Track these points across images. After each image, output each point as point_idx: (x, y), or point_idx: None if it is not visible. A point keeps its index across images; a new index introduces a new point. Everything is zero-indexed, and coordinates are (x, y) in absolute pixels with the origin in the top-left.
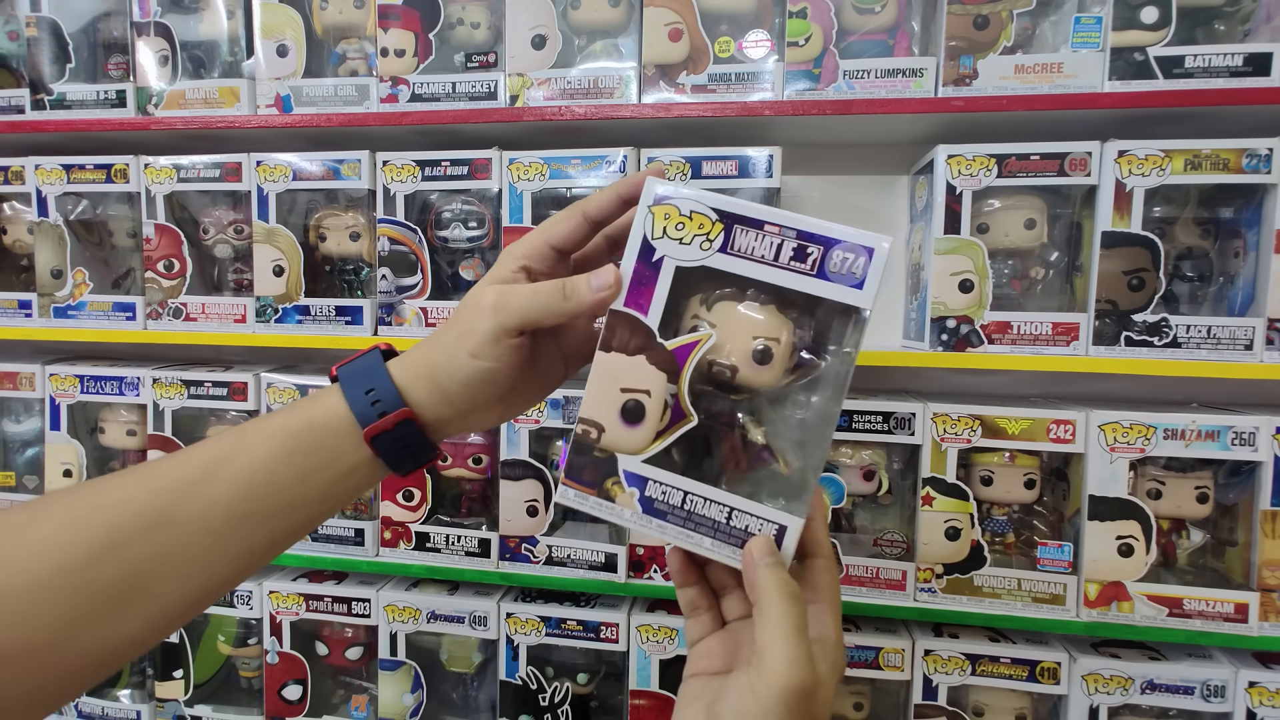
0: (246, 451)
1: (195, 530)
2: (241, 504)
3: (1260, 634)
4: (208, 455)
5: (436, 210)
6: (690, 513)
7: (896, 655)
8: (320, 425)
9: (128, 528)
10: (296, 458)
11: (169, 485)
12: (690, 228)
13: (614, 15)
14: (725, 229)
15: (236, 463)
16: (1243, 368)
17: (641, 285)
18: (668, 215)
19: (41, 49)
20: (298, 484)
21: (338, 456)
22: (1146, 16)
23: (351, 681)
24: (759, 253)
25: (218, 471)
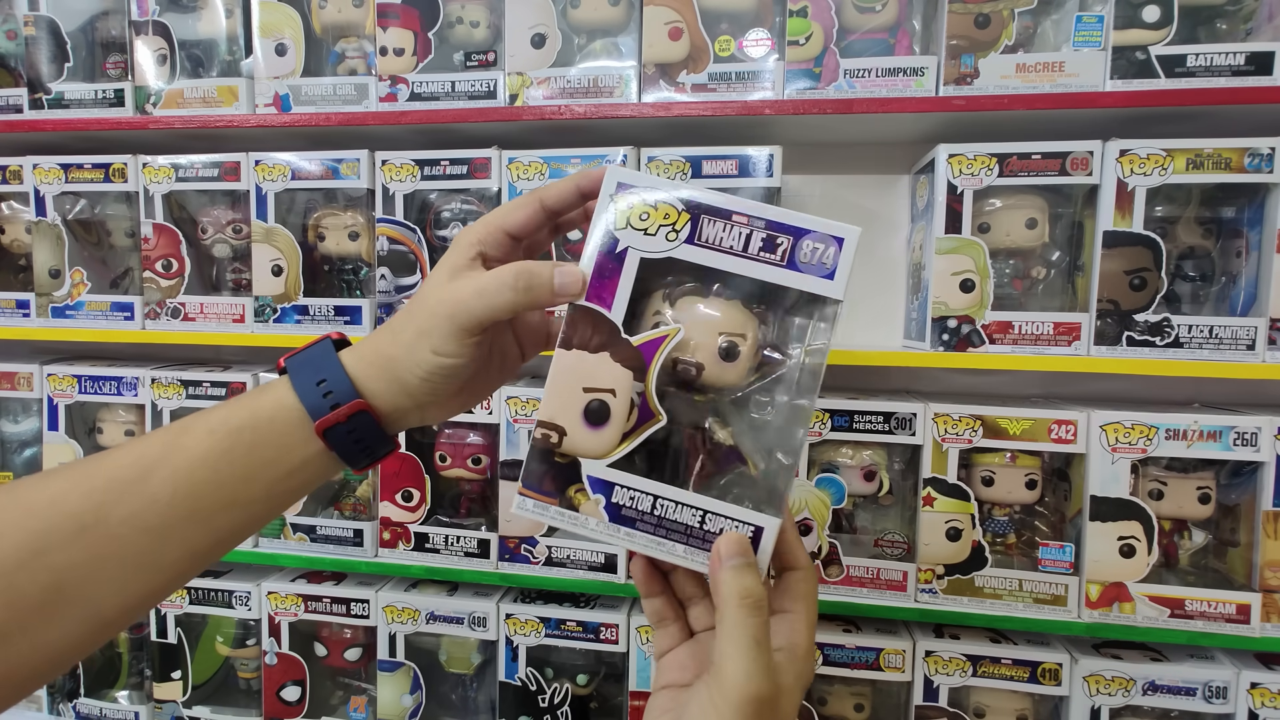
0: (187, 448)
1: (131, 531)
2: (183, 503)
3: (1262, 635)
4: (146, 452)
5: (436, 210)
6: (661, 518)
7: (897, 656)
8: (267, 419)
9: (57, 531)
10: (239, 453)
11: (103, 485)
12: (655, 218)
13: (614, 14)
14: (692, 219)
15: (175, 460)
16: (1245, 368)
17: (604, 278)
18: (631, 205)
19: (40, 48)
20: (241, 481)
21: (285, 452)
22: (1148, 15)
23: (350, 682)
24: (727, 243)
25: (156, 469)
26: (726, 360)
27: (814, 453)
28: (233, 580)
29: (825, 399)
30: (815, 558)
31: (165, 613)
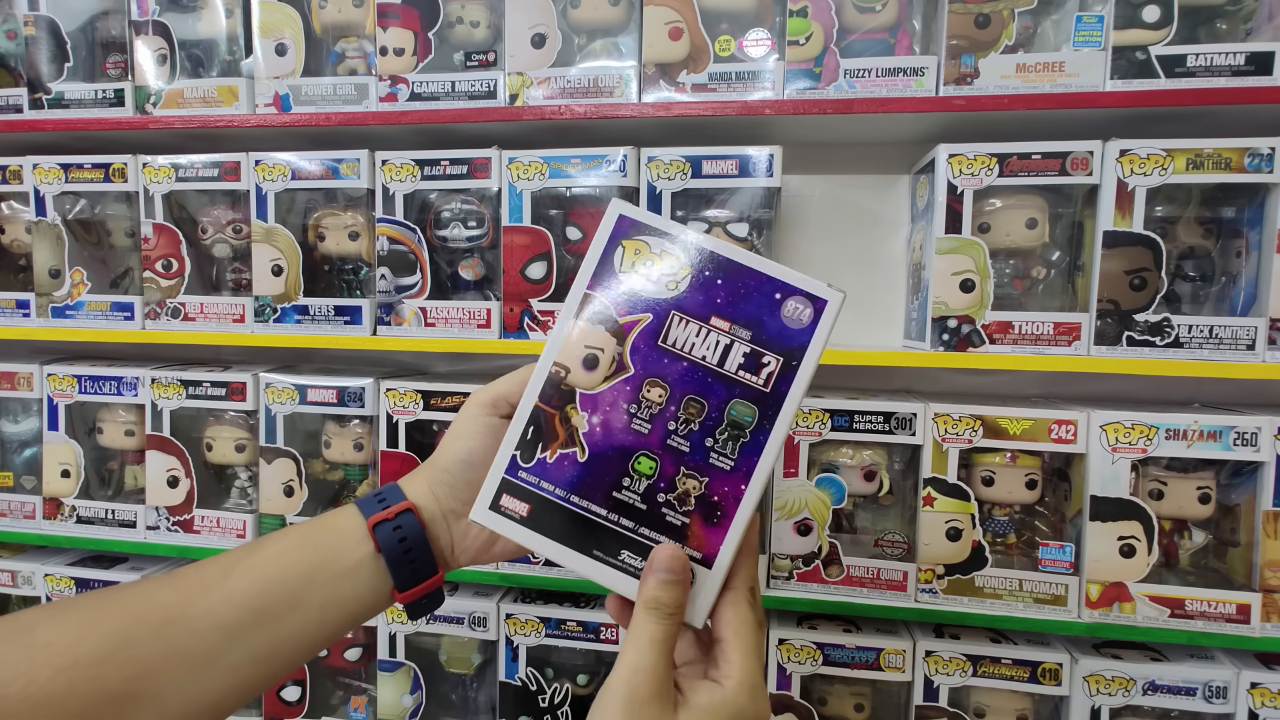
0: (263, 548)
1: (207, 627)
2: (255, 599)
3: (1262, 635)
4: (231, 554)
5: (436, 209)
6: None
7: (898, 656)
8: (328, 522)
9: (143, 622)
10: (306, 551)
11: (188, 584)
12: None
13: (614, 14)
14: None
15: (253, 558)
16: (1245, 368)
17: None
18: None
19: (40, 48)
20: (304, 580)
21: (341, 552)
22: (1148, 15)
23: (350, 682)
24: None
25: (236, 566)
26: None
27: (814, 453)
28: None
29: (826, 399)
30: (815, 558)
31: None
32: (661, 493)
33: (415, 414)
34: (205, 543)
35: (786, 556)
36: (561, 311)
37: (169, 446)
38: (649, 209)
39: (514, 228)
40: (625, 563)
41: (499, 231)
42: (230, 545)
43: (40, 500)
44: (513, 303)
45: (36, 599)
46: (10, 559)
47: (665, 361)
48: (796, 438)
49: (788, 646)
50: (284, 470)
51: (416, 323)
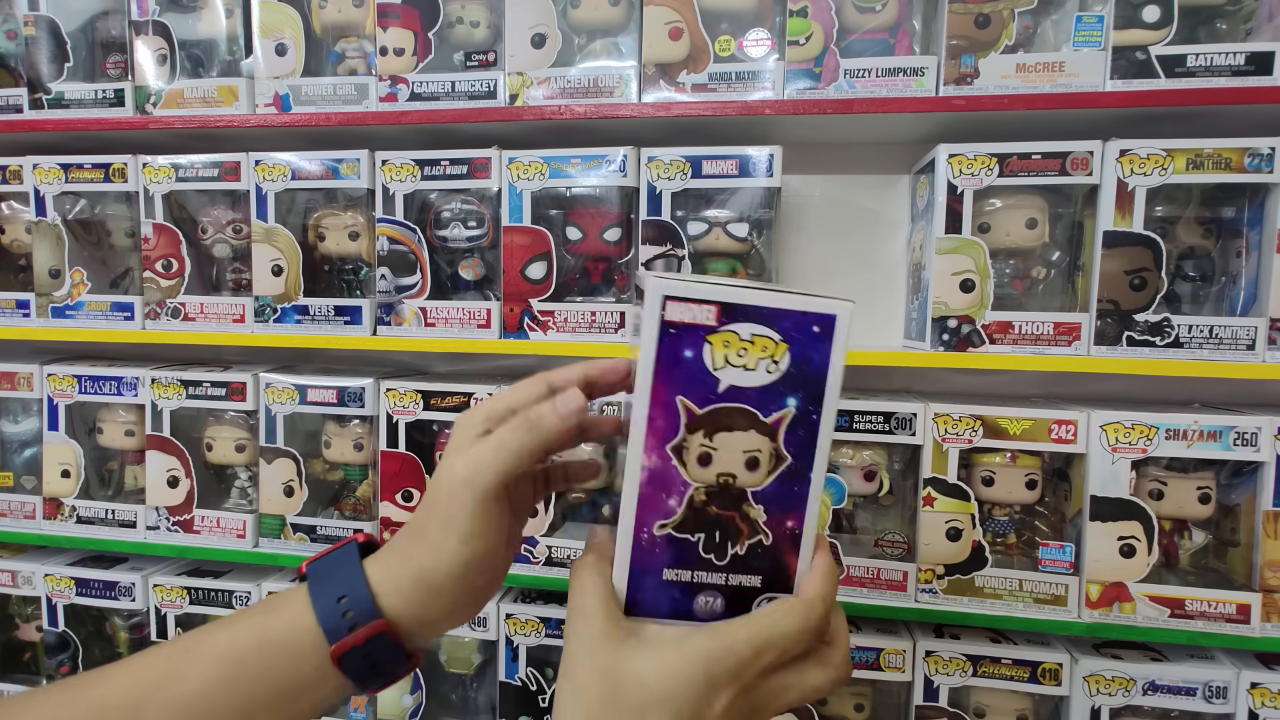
0: (185, 678)
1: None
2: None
3: (1262, 635)
4: (141, 678)
5: (436, 209)
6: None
7: (898, 656)
8: (277, 644)
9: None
10: (242, 683)
11: (91, 714)
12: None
13: (614, 14)
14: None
15: (171, 691)
16: (1245, 368)
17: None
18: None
19: (39, 48)
20: (241, 715)
21: (293, 680)
22: (1148, 15)
23: None
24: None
25: (149, 700)
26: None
27: None
28: (233, 580)
29: None
30: None
31: (165, 613)
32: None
33: (415, 414)
34: (205, 542)
35: None
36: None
37: (169, 446)
38: (649, 209)
39: (514, 228)
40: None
41: (499, 231)
42: (230, 545)
43: (40, 500)
44: (513, 303)
45: (36, 599)
46: (10, 559)
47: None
48: None
49: None
50: (284, 470)
51: (416, 323)
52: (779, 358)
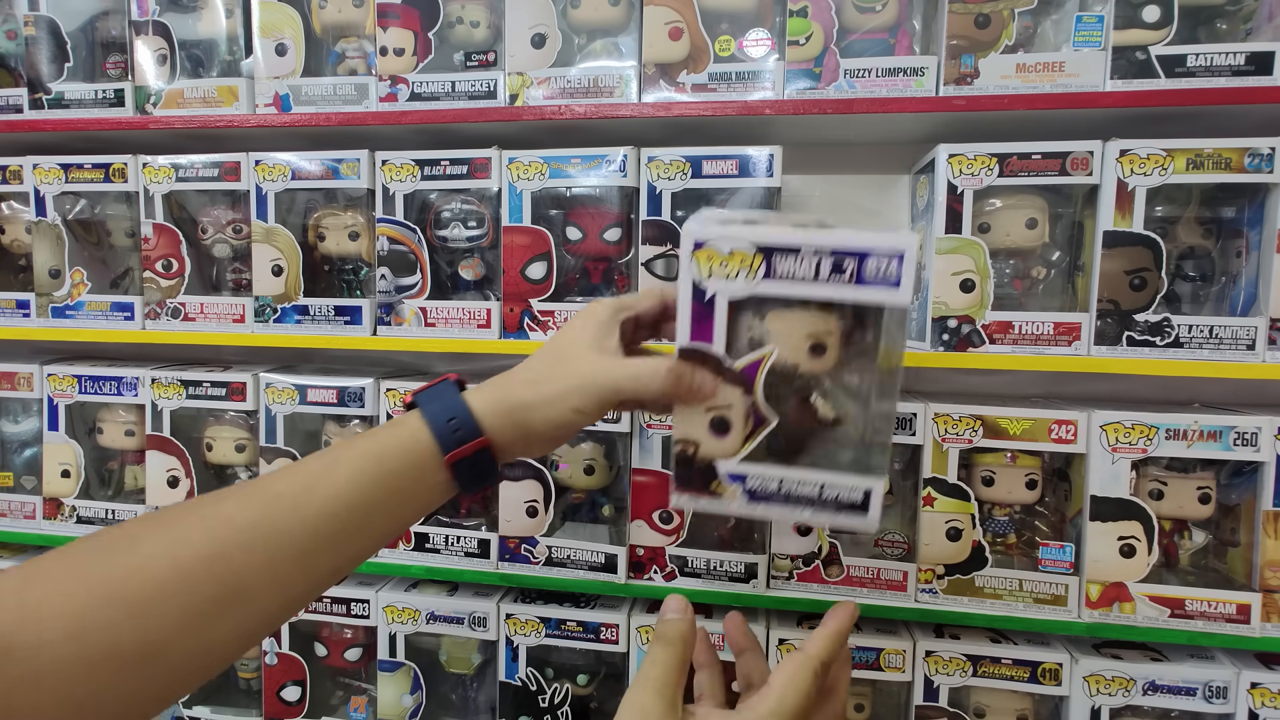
0: (339, 473)
1: (286, 545)
2: (329, 523)
3: (1263, 635)
4: (303, 476)
5: (436, 210)
6: (788, 494)
7: (898, 656)
8: (407, 450)
9: (233, 540)
10: (383, 479)
11: (270, 500)
12: (733, 264)
13: (614, 14)
14: (765, 258)
15: (327, 486)
16: (1245, 368)
17: (701, 322)
18: (710, 257)
19: (40, 48)
20: (379, 506)
21: (419, 480)
22: (1148, 15)
23: (350, 682)
24: (800, 274)
25: (313, 491)
26: (816, 356)
27: None
28: None
29: None
30: (815, 558)
31: None
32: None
33: None
34: None
35: (786, 556)
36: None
37: (169, 446)
38: (649, 209)
39: (514, 228)
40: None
41: (499, 231)
42: None
43: (40, 500)
44: (513, 303)
45: None
46: (10, 559)
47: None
48: None
49: (788, 647)
50: None
51: (416, 323)
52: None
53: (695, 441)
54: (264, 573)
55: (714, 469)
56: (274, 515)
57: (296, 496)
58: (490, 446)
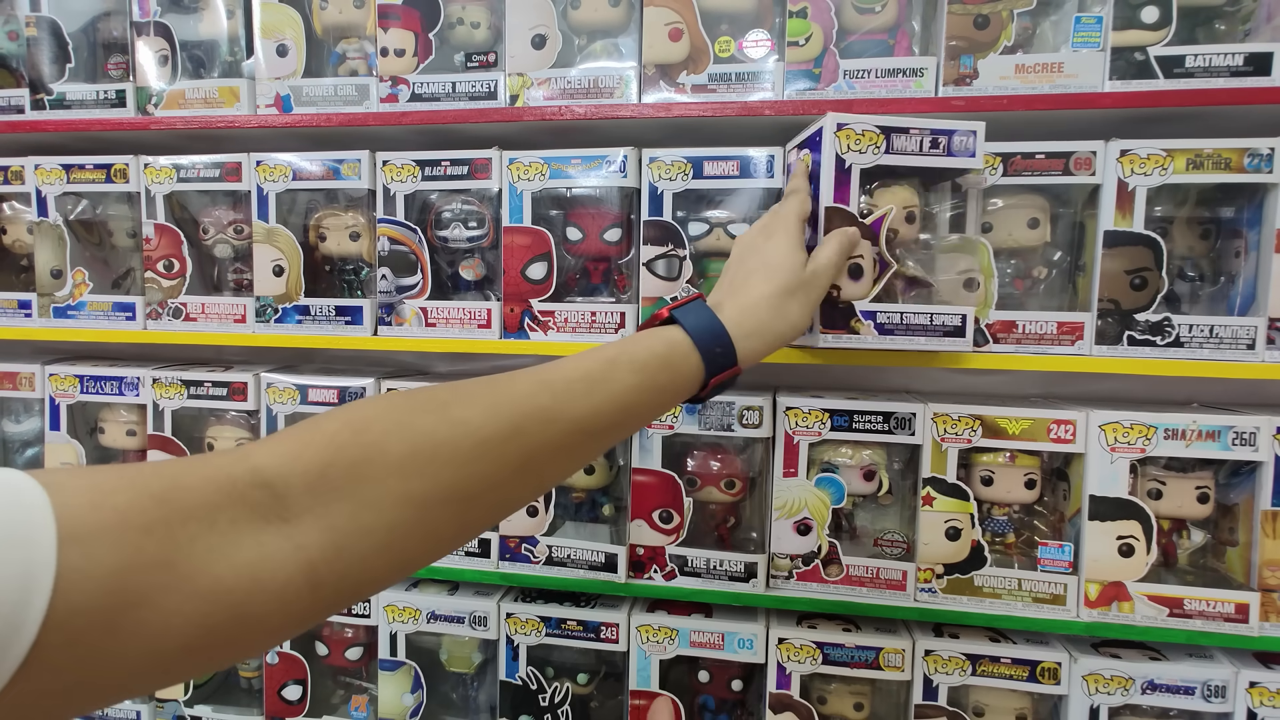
0: (619, 376)
1: (573, 430)
2: (608, 418)
3: (1261, 634)
4: (591, 371)
5: (436, 210)
6: (909, 325)
7: (897, 655)
8: (676, 368)
9: (530, 419)
10: (652, 391)
11: (561, 388)
12: (864, 141)
13: (614, 15)
14: (886, 137)
15: (613, 384)
16: (1244, 367)
17: (841, 186)
18: (849, 135)
19: (41, 49)
20: (644, 409)
21: (678, 394)
22: (1147, 16)
23: (351, 682)
24: (910, 149)
25: (601, 386)
26: (909, 223)
27: (814, 452)
28: None
29: (825, 399)
30: (815, 557)
31: None
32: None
33: None
34: None
35: (786, 556)
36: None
37: (170, 446)
38: (651, 210)
39: (514, 228)
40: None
41: (499, 232)
42: None
43: None
44: (513, 303)
45: None
46: None
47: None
48: (796, 437)
49: (787, 646)
50: None
51: (417, 323)
52: (879, 144)
53: (838, 286)
54: (550, 451)
55: (852, 308)
56: (564, 401)
57: (588, 387)
58: (739, 370)
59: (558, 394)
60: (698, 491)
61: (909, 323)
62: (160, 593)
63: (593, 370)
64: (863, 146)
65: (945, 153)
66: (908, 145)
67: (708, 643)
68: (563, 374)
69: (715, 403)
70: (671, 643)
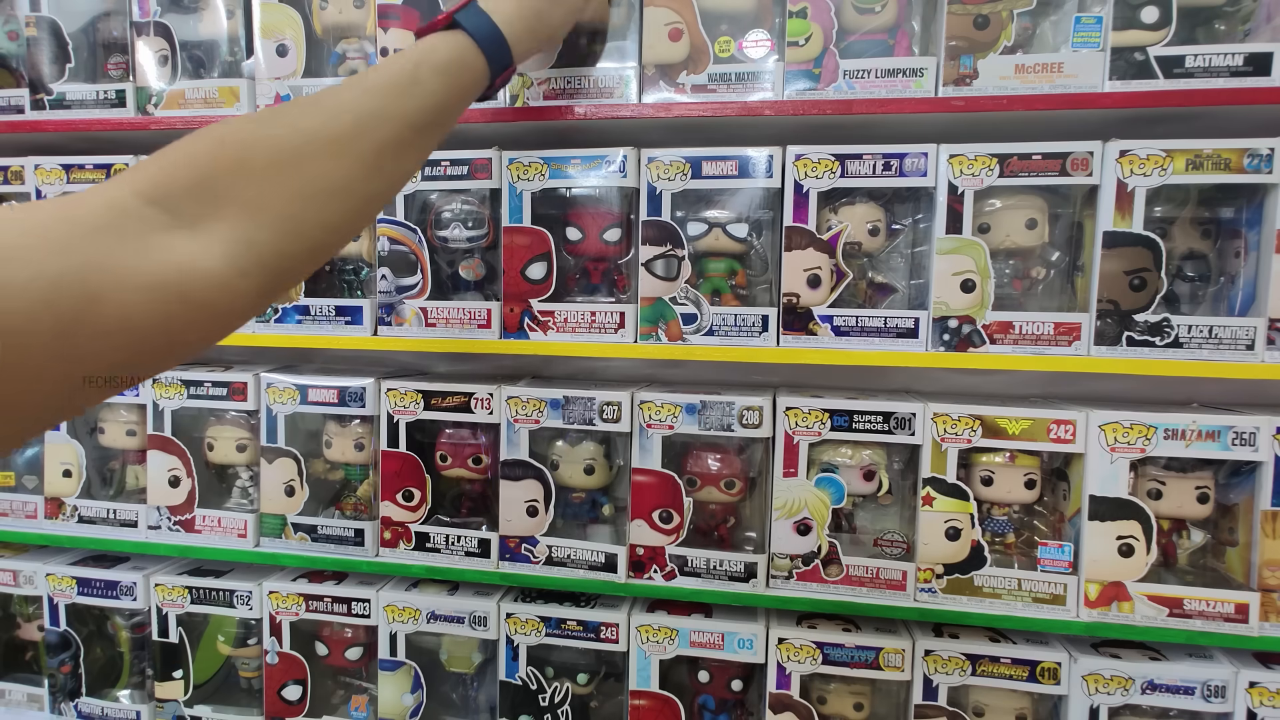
0: (427, 79)
1: (403, 128)
2: (425, 115)
3: (1261, 634)
4: (396, 76)
5: (436, 210)
6: (864, 328)
7: (897, 655)
8: (470, 67)
9: (366, 119)
10: (457, 90)
11: (386, 88)
12: (820, 168)
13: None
14: (840, 163)
15: (422, 86)
16: (1244, 368)
17: (799, 209)
18: (805, 164)
19: (41, 49)
20: (453, 108)
21: (475, 93)
22: (1147, 16)
23: (351, 682)
24: (864, 172)
25: (413, 89)
26: (873, 236)
27: (813, 453)
28: (234, 580)
29: (825, 399)
30: (815, 557)
31: (167, 612)
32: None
33: (416, 414)
34: (206, 542)
35: (786, 556)
36: None
37: (170, 446)
38: (649, 210)
39: (514, 228)
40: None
41: (499, 232)
42: (231, 544)
43: (42, 500)
44: (513, 303)
45: (38, 598)
46: (12, 558)
47: None
48: (796, 437)
49: (787, 646)
50: (285, 470)
51: (417, 323)
52: (834, 170)
53: (797, 294)
54: (393, 145)
55: (810, 313)
56: (391, 102)
57: (405, 89)
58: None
59: (384, 96)
60: (698, 491)
61: (864, 325)
62: (111, 290)
63: (402, 76)
64: (819, 172)
65: (898, 174)
66: (861, 169)
67: (708, 643)
68: (377, 81)
69: (715, 403)
70: (671, 643)
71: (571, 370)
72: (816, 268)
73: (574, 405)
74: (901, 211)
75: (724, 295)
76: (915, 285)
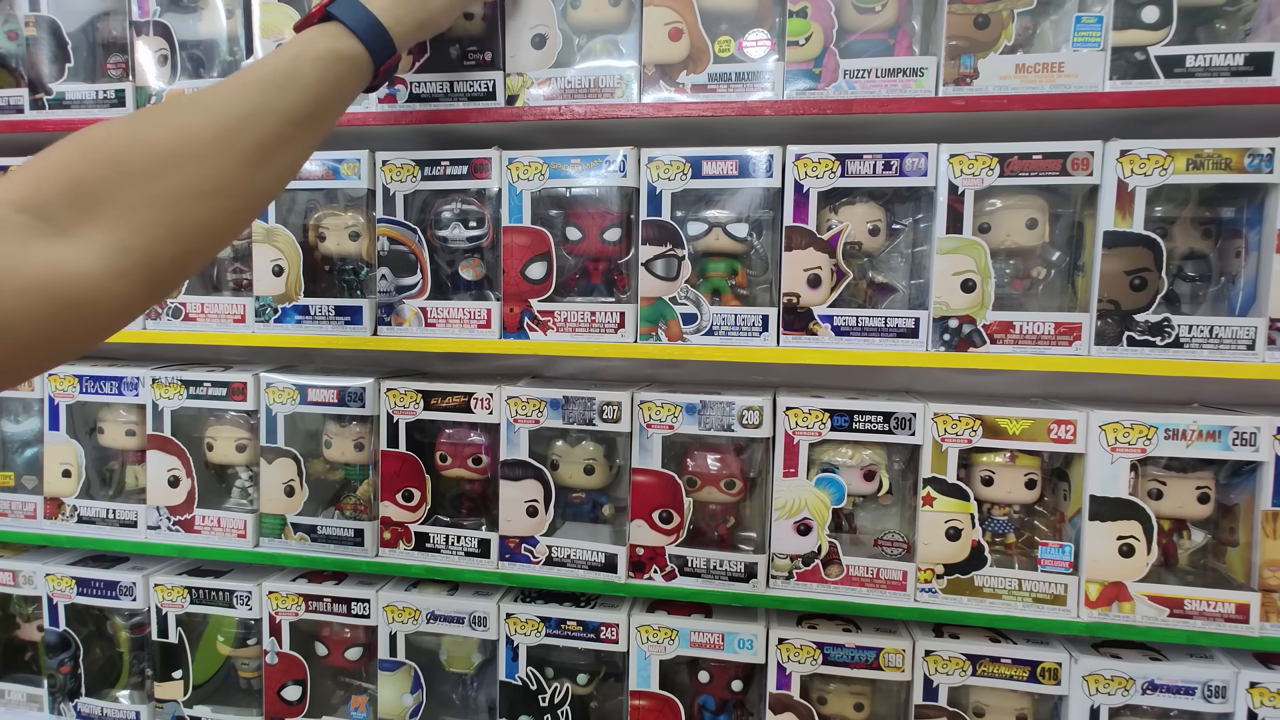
0: (306, 72)
1: (284, 122)
2: (305, 109)
3: (1261, 634)
4: (274, 71)
5: (436, 210)
6: (864, 328)
7: (897, 656)
8: (349, 60)
9: (247, 115)
10: (336, 83)
11: (263, 87)
12: (820, 168)
13: (614, 14)
14: (841, 163)
15: (302, 79)
16: (1244, 368)
17: (800, 207)
18: (805, 164)
19: (40, 48)
20: (335, 100)
21: (359, 83)
22: (1147, 16)
23: (351, 682)
24: (864, 171)
25: (292, 82)
26: (873, 236)
27: (814, 453)
28: (233, 580)
29: (825, 398)
30: (815, 557)
31: (166, 612)
32: None
33: (416, 414)
34: (206, 542)
35: (786, 556)
36: None
37: (170, 446)
38: (649, 209)
39: (514, 228)
40: None
41: (499, 231)
42: (231, 544)
43: (41, 500)
44: (513, 303)
45: (37, 598)
46: (11, 559)
47: None
48: (796, 437)
49: (787, 646)
50: (285, 470)
51: (417, 323)
52: (834, 170)
53: (797, 294)
54: (275, 140)
55: (811, 313)
56: (272, 96)
57: (284, 83)
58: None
59: (264, 90)
60: (698, 491)
61: (864, 325)
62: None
63: (280, 70)
64: (819, 172)
65: (898, 174)
66: (861, 169)
67: (708, 643)
68: (256, 76)
69: (715, 403)
70: (671, 643)
71: (571, 370)
72: (817, 267)
73: (574, 405)
74: (902, 211)
75: (724, 295)
76: (915, 285)
